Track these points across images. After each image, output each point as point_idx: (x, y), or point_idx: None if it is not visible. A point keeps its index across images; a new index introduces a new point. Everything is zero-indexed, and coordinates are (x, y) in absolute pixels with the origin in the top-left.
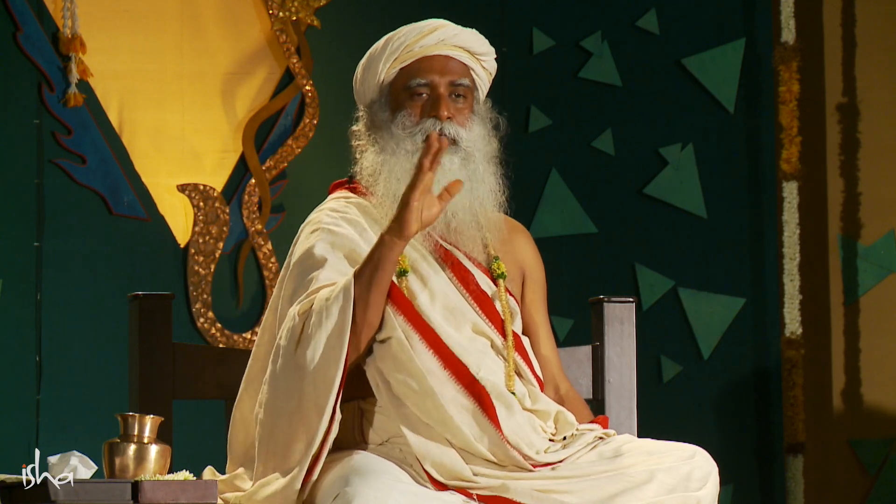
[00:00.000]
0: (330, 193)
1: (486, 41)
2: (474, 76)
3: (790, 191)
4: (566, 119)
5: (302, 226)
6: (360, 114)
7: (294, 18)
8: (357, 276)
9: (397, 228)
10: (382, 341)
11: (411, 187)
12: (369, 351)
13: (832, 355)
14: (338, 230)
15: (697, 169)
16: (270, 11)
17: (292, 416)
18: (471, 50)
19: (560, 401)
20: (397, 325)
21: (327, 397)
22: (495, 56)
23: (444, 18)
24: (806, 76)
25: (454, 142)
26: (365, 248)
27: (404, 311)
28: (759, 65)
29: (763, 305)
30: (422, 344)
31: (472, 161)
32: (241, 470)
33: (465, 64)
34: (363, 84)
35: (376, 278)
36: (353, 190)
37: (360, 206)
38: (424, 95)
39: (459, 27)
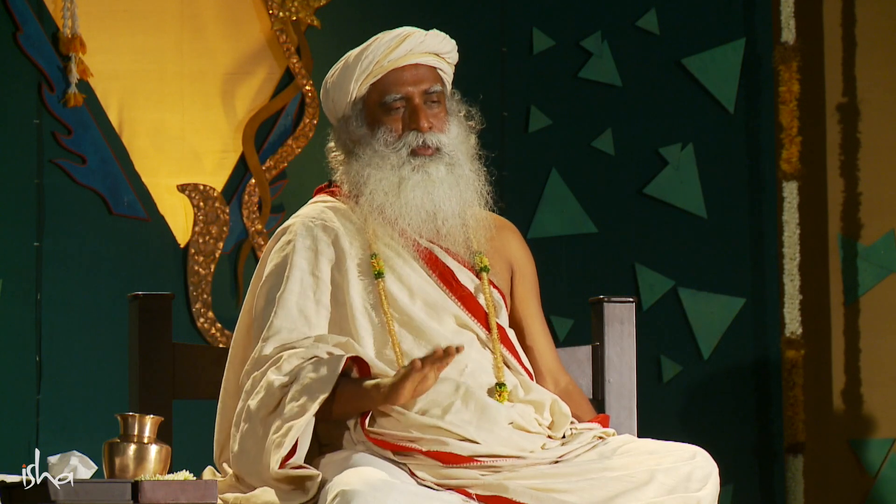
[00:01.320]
0: (314, 196)
1: (448, 38)
2: (442, 75)
3: (790, 191)
4: (566, 119)
5: (278, 230)
6: (333, 131)
7: (294, 18)
8: (333, 396)
9: (388, 394)
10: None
11: (425, 362)
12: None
13: (832, 355)
14: (310, 243)
15: (697, 169)
16: (270, 11)
17: (262, 475)
18: (437, 52)
19: (561, 396)
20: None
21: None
22: (457, 48)
23: (444, 18)
24: (806, 76)
25: (438, 150)
26: (332, 258)
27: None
28: (759, 65)
29: (763, 305)
30: (409, 337)
31: (457, 165)
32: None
33: (433, 67)
34: (334, 102)
35: (345, 411)
36: (333, 194)
37: (337, 211)
38: (401, 109)
39: (423, 32)
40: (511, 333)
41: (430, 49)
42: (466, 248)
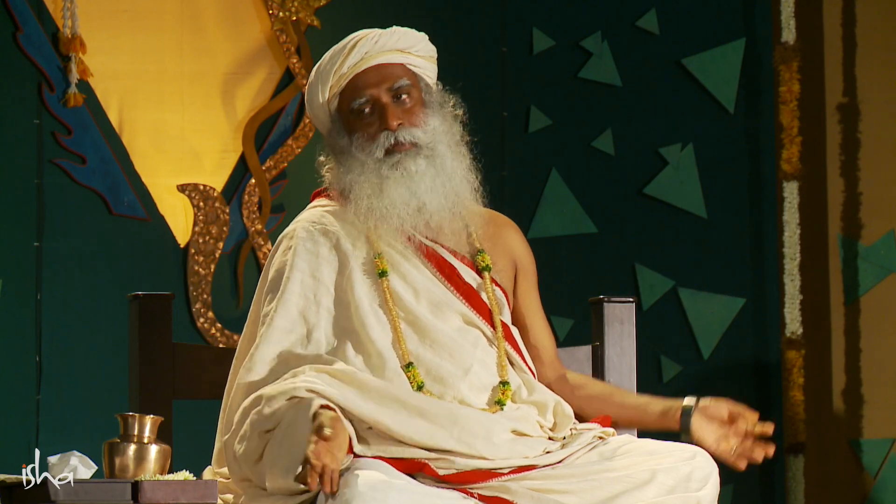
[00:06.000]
0: (311, 201)
1: (411, 32)
2: (412, 69)
3: (790, 191)
4: (566, 119)
5: (280, 236)
6: (323, 144)
7: (294, 18)
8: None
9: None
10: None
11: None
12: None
13: (832, 355)
14: (311, 246)
15: (697, 169)
16: (270, 11)
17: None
18: (398, 48)
19: (572, 387)
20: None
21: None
22: (427, 38)
23: (444, 18)
24: (806, 76)
25: (414, 145)
26: (334, 262)
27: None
28: (759, 65)
29: (763, 305)
30: (415, 337)
31: (437, 156)
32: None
33: (398, 64)
34: (315, 118)
35: None
36: (331, 198)
37: (336, 214)
38: (369, 110)
39: (378, 32)
40: (515, 332)
41: (389, 47)
42: (469, 246)
